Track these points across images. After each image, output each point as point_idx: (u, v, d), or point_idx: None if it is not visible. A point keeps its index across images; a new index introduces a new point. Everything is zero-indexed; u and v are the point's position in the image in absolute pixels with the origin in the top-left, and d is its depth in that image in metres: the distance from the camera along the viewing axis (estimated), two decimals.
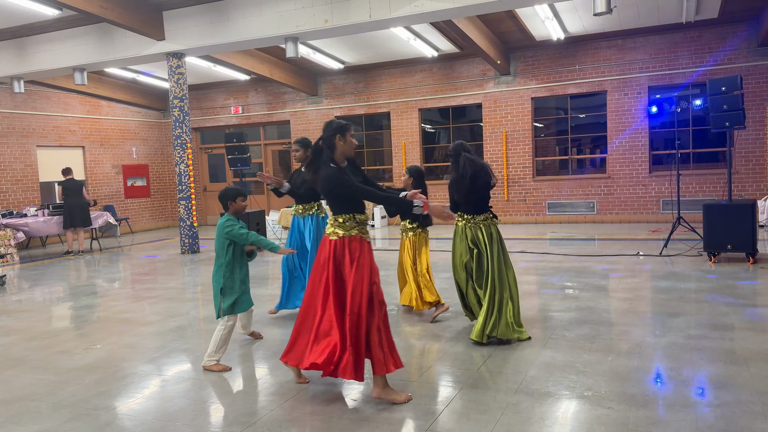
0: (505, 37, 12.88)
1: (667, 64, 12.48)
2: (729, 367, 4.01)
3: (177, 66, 11.08)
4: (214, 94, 17.06)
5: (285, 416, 3.57)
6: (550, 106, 14.18)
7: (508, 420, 3.36)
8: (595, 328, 5.08)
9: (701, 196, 12.28)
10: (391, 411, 3.56)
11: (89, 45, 11.49)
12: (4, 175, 13.47)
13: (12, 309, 7.11)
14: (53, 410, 3.83)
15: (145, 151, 17.11)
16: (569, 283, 7.01)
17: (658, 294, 6.29)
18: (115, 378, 4.41)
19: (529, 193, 13.86)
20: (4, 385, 4.35)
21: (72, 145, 15.08)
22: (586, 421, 3.31)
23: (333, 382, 4.07)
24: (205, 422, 3.54)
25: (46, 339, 5.63)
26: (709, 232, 7.80)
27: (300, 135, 15.99)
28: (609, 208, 13.22)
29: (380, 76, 15.09)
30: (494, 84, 13.96)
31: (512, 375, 4.06)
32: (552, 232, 12.00)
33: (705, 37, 12.16)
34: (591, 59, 13.08)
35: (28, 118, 14.01)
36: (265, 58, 13.90)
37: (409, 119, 14.88)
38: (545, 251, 9.55)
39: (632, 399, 3.56)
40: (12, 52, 12.21)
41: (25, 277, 9.48)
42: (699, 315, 5.36)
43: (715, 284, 6.57)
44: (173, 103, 11.19)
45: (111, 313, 6.63)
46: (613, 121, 13.01)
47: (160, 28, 10.80)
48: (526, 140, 13.75)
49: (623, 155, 12.99)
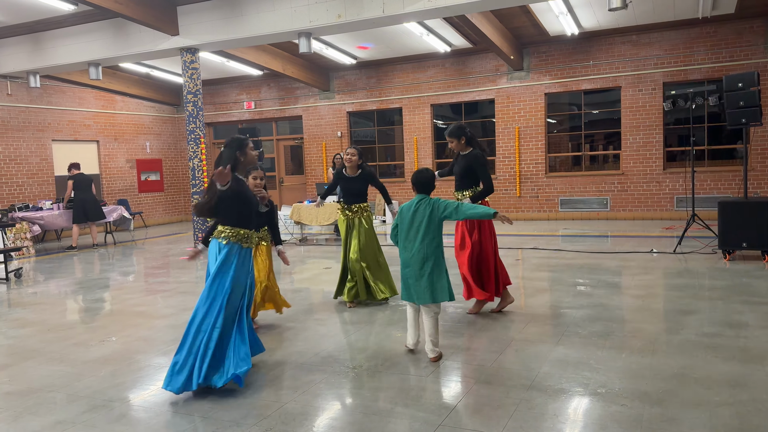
0: (519, 32, 12.81)
1: (682, 59, 12.37)
2: (744, 366, 3.99)
3: (191, 61, 11.13)
4: (227, 89, 17.12)
5: (298, 409, 3.59)
6: (564, 101, 14.09)
7: (521, 416, 3.36)
8: (609, 325, 5.06)
9: (716, 194, 12.17)
10: (405, 405, 3.57)
11: (104, 40, 11.57)
12: (20, 169, 13.61)
13: (28, 301, 7.20)
14: (69, 401, 3.88)
15: (158, 145, 17.21)
16: (582, 280, 6.98)
17: (672, 291, 6.25)
18: (130, 370, 4.45)
19: (542, 190, 13.80)
20: (21, 377, 4.41)
21: (86, 140, 15.21)
22: (599, 418, 3.31)
23: (344, 378, 4.10)
24: (219, 414, 3.56)
25: (62, 331, 5.69)
26: (724, 229, 7.73)
27: (312, 130, 16.07)
28: (622, 205, 13.13)
29: (392, 71, 15.07)
30: (507, 79, 13.89)
31: (525, 371, 4.05)
32: (564, 229, 11.95)
33: (721, 33, 12.04)
34: (605, 55, 12.99)
35: (43, 113, 14.14)
36: (277, 53, 13.93)
37: (421, 115, 14.85)
38: (558, 248, 9.52)
39: (646, 396, 3.55)
40: (28, 47, 12.33)
41: (41, 270, 9.58)
42: (713, 313, 5.32)
43: (729, 282, 6.51)
44: (187, 98, 11.25)
45: (125, 306, 6.69)
46: (627, 117, 12.91)
47: (174, 23, 10.85)
48: (539, 136, 13.69)
49: (637, 151, 12.90)
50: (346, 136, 15.77)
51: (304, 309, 6.14)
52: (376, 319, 5.62)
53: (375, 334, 5.11)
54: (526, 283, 7.07)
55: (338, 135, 15.75)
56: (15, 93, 13.55)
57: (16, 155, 13.55)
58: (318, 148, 16.09)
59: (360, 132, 16.15)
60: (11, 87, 13.44)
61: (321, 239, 12.25)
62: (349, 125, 15.84)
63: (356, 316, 5.78)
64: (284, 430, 3.32)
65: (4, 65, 12.73)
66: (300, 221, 11.74)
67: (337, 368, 4.28)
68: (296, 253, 10.39)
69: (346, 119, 15.74)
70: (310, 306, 6.28)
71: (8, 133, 13.41)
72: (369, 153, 15.88)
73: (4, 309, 6.85)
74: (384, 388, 3.86)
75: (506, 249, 9.49)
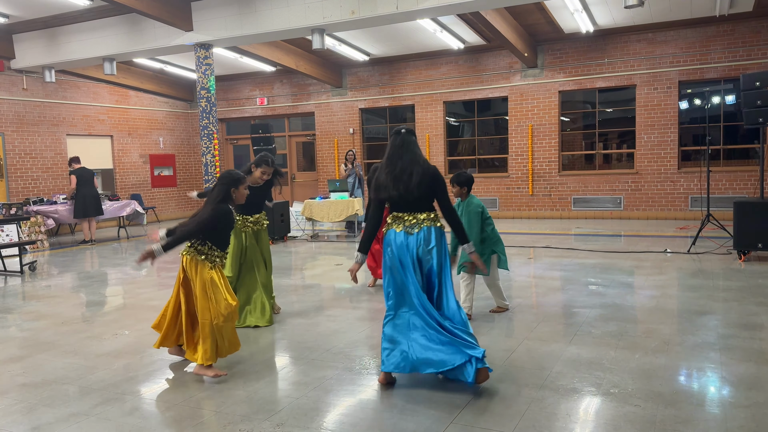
0: (533, 29, 12.74)
1: (698, 58, 12.24)
2: (760, 367, 3.94)
3: (204, 57, 11.16)
4: (240, 85, 17.16)
5: (309, 404, 3.59)
6: (578, 99, 14.00)
7: (533, 415, 3.34)
8: (622, 325, 5.02)
9: (731, 194, 12.04)
10: (416, 403, 3.56)
11: (119, 35, 11.63)
12: (35, 163, 13.74)
13: (42, 294, 7.26)
14: (83, 394, 3.91)
15: (171, 141, 17.30)
16: (595, 280, 6.93)
17: (686, 292, 6.19)
18: (143, 363, 4.48)
19: (555, 188, 13.72)
20: (36, 369, 4.45)
21: (101, 135, 15.31)
22: (612, 418, 3.28)
23: (355, 374, 4.09)
24: (231, 409, 3.57)
25: (76, 324, 5.74)
26: (740, 230, 7.65)
27: (324, 126, 16.08)
28: (636, 204, 13.03)
29: (405, 68, 15.04)
30: (521, 77, 13.82)
31: (537, 371, 4.03)
32: (577, 228, 11.88)
33: (738, 31, 11.89)
34: (620, 53, 12.88)
35: (58, 107, 14.26)
36: (290, 49, 13.94)
37: (433, 112, 14.81)
38: (570, 247, 9.46)
39: (660, 397, 3.51)
40: (44, 42, 12.43)
41: (55, 263, 9.67)
42: (728, 314, 5.27)
43: (744, 283, 6.44)
44: (200, 93, 11.29)
45: (138, 300, 6.73)
46: (641, 116, 12.81)
47: (189, 19, 10.89)
48: (553, 134, 13.61)
49: (651, 150, 12.79)
50: (358, 133, 15.77)
51: (315, 305, 6.14)
52: None
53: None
54: (539, 282, 7.04)
55: (350, 132, 15.75)
56: (30, 88, 13.67)
57: (31, 149, 13.67)
58: (330, 145, 16.10)
59: (372, 129, 16.14)
60: (27, 82, 13.56)
61: (332, 236, 12.26)
62: (362, 122, 15.83)
63: (368, 312, 5.78)
64: (295, 425, 3.32)
65: (21, 60, 12.85)
66: (312, 218, 11.75)
67: (348, 365, 4.28)
68: (307, 250, 10.41)
69: (359, 116, 15.74)
70: (321, 302, 6.29)
71: (23, 127, 13.53)
72: (381, 150, 15.87)
73: (18, 302, 6.92)
74: (395, 385, 3.85)
75: (518, 248, 9.45)
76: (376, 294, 6.45)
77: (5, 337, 5.36)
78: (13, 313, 6.34)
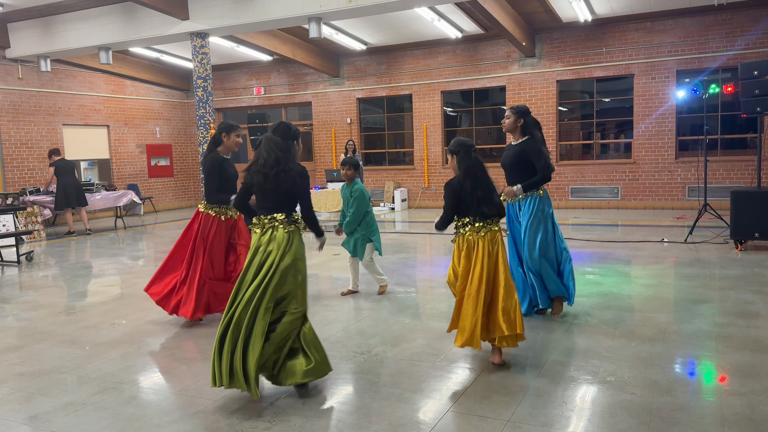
0: (531, 18, 12.68)
1: (696, 47, 12.20)
2: (755, 356, 3.95)
3: (201, 46, 11.10)
4: (237, 74, 17.08)
5: (306, 393, 3.60)
6: (576, 89, 13.96)
7: (529, 403, 3.35)
8: (619, 314, 5.03)
9: (728, 183, 12.04)
10: (413, 391, 3.58)
11: (115, 24, 11.55)
12: (31, 153, 13.68)
13: (39, 284, 7.25)
14: (81, 383, 3.91)
15: (168, 130, 17.24)
16: (592, 269, 6.94)
17: (683, 281, 6.21)
18: (140, 353, 4.48)
19: (552, 178, 13.68)
20: (34, 358, 4.45)
21: (97, 124, 15.24)
22: (608, 406, 3.29)
23: (352, 363, 4.10)
24: (230, 399, 3.58)
25: (73, 314, 5.74)
26: (737, 219, 7.66)
27: (321, 116, 16.02)
28: (633, 194, 13.04)
29: (403, 57, 14.97)
30: (519, 66, 13.78)
31: (534, 359, 4.04)
32: (575, 218, 11.89)
33: (736, 20, 11.85)
34: (618, 42, 12.83)
35: (54, 97, 14.18)
36: (287, 38, 13.86)
37: (431, 102, 14.77)
38: (567, 236, 9.46)
39: (656, 385, 3.53)
40: (39, 31, 12.34)
41: (52, 253, 9.65)
42: (724, 303, 5.28)
43: (741, 272, 6.46)
44: (197, 83, 11.23)
45: (135, 290, 6.72)
46: (639, 106, 12.78)
47: (185, 7, 10.81)
48: (550, 124, 13.58)
49: (649, 140, 12.77)
50: (356, 123, 15.72)
51: (312, 295, 6.14)
52: (384, 305, 5.63)
53: (383, 320, 5.12)
54: None
55: (348, 121, 15.71)
56: (26, 77, 13.58)
57: (27, 139, 13.61)
58: (327, 135, 16.05)
59: (369, 119, 16.09)
60: (22, 71, 13.48)
61: (330, 226, 12.24)
62: (359, 112, 15.78)
63: (365, 302, 5.79)
64: (292, 413, 3.33)
65: (16, 49, 12.76)
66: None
67: (345, 353, 4.29)
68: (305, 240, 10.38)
69: (356, 106, 15.69)
70: (318, 292, 6.29)
71: (19, 117, 13.46)
72: (378, 140, 15.84)
73: (15, 291, 6.91)
74: (393, 374, 3.86)
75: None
76: (372, 284, 6.46)
77: (3, 327, 5.36)
78: (10, 303, 6.33)
